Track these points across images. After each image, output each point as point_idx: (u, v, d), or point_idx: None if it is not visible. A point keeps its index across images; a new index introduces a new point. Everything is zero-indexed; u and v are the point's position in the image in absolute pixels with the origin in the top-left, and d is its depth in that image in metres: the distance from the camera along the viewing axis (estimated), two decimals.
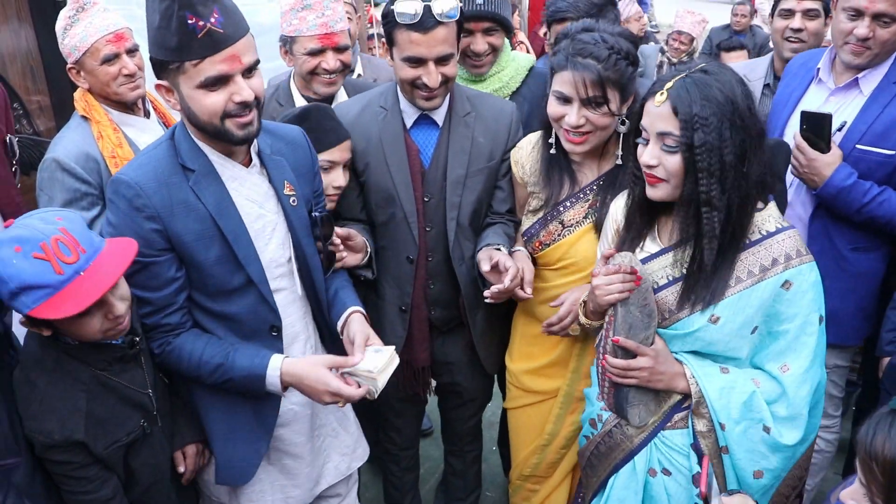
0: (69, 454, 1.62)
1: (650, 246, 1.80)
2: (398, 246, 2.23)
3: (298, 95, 2.57)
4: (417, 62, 2.03)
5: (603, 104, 1.91)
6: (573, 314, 2.02)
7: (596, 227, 2.06)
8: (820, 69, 2.44)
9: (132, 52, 2.31)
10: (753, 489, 1.72)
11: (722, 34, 6.66)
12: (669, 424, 1.80)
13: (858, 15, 2.22)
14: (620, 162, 2.03)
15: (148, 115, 2.44)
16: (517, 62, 2.58)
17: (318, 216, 1.91)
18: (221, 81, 1.58)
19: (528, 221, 2.20)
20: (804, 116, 2.28)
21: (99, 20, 2.24)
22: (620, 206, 1.88)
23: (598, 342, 1.87)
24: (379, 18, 2.42)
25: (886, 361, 2.32)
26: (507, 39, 2.57)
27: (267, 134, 1.83)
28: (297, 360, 1.76)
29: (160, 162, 1.69)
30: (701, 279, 1.67)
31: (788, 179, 2.39)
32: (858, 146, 2.27)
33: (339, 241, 2.03)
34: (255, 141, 1.76)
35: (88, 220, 2.14)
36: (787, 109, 2.49)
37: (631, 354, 1.73)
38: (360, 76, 3.11)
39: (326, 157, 2.09)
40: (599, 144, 2.03)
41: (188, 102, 1.61)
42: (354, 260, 2.14)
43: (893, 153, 2.24)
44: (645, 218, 1.80)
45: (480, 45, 2.44)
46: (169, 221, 1.66)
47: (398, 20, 1.98)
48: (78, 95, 2.33)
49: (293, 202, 1.83)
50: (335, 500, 2.17)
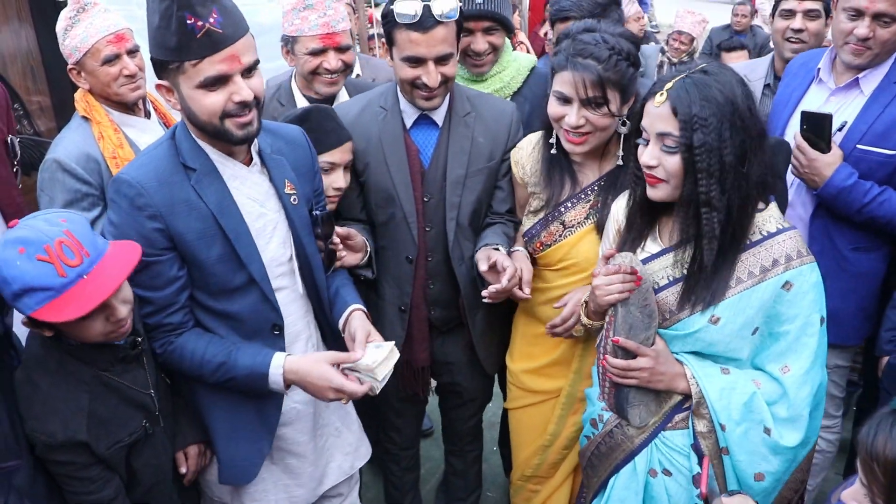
0: (72, 455, 1.62)
1: (651, 246, 1.80)
2: (398, 246, 2.23)
3: (300, 95, 2.58)
4: (417, 62, 2.03)
5: (603, 105, 1.91)
6: (577, 315, 2.02)
7: (597, 227, 2.05)
8: (820, 69, 2.44)
9: (133, 52, 2.31)
10: (755, 492, 1.72)
11: (722, 34, 6.66)
12: (670, 425, 1.80)
13: (859, 15, 2.22)
14: (622, 162, 2.02)
15: (148, 115, 2.44)
16: (518, 62, 2.58)
17: (318, 215, 1.91)
18: (221, 81, 1.59)
19: (528, 222, 2.19)
20: (804, 116, 2.28)
21: (100, 21, 2.24)
22: (622, 206, 1.88)
23: (598, 342, 1.87)
24: (379, 18, 2.42)
25: (885, 361, 2.33)
26: (507, 39, 2.57)
27: (267, 133, 1.84)
28: (299, 357, 1.77)
29: (161, 161, 1.69)
30: (701, 280, 1.67)
31: (789, 179, 2.39)
32: (859, 146, 2.27)
33: (338, 240, 2.04)
34: (255, 140, 1.76)
35: (89, 220, 2.10)
36: (787, 110, 2.49)
37: (631, 355, 1.73)
38: (358, 76, 3.11)
39: (327, 158, 2.09)
40: (600, 145, 2.03)
41: (188, 102, 1.62)
42: (354, 259, 2.14)
43: (894, 153, 2.24)
44: (646, 218, 1.80)
45: (481, 44, 2.44)
46: (170, 220, 1.67)
47: (398, 20, 1.99)
48: (78, 96, 2.33)
49: (294, 201, 1.83)
50: (337, 499, 2.17)
